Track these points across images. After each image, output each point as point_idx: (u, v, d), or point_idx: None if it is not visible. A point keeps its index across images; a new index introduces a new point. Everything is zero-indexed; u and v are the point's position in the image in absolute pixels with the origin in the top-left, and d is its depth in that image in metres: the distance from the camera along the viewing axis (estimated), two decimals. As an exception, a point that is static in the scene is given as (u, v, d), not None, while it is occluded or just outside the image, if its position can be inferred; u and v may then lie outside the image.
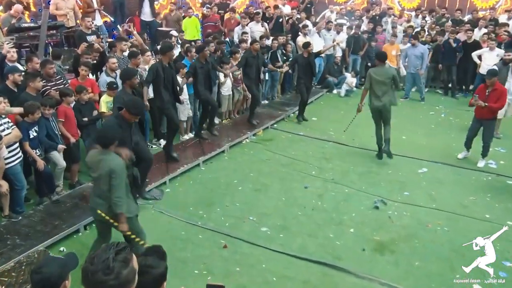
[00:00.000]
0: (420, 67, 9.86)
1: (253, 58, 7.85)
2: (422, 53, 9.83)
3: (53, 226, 4.61)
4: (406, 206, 5.53)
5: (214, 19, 10.57)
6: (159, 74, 6.04)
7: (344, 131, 7.44)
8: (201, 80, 6.96)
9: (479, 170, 6.57)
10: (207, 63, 7.04)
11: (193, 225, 4.96)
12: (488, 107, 6.33)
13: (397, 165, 6.73)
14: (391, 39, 10.71)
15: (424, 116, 9.16)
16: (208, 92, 7.17)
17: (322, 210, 5.41)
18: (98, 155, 3.64)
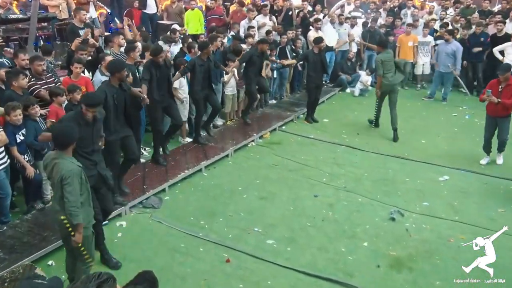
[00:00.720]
0: (454, 67, 9.60)
1: (258, 57, 7.80)
2: (455, 51, 9.53)
3: (41, 237, 4.56)
4: (425, 218, 5.45)
5: (219, 12, 10.53)
6: (151, 73, 6.04)
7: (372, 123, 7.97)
8: (199, 78, 6.85)
9: (509, 178, 6.45)
10: (209, 61, 6.98)
11: (194, 237, 4.93)
12: (501, 103, 6.29)
13: (415, 172, 6.65)
14: (407, 28, 10.57)
15: (446, 118, 9.05)
16: (203, 92, 7.03)
17: (333, 221, 5.35)
18: (53, 158, 3.52)
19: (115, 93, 5.06)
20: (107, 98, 4.96)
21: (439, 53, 9.81)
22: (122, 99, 5.19)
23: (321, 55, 8.27)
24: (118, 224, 5.10)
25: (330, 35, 10.08)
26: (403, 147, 7.52)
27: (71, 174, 3.45)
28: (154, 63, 6.13)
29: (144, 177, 6.00)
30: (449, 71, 9.71)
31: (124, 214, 5.27)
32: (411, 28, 10.54)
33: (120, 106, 5.17)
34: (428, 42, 10.50)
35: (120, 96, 5.15)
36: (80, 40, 6.45)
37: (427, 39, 10.52)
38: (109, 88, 5.06)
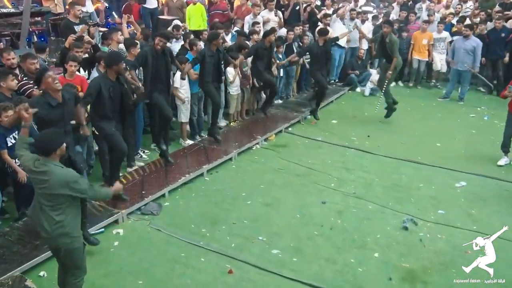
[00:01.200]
0: (471, 64, 9.46)
1: (266, 50, 7.78)
2: (475, 47, 9.37)
3: (33, 246, 4.50)
4: (440, 227, 5.38)
5: (223, 7, 10.51)
6: (147, 61, 6.00)
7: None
8: (209, 70, 6.89)
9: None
10: (219, 52, 6.98)
11: (195, 246, 4.89)
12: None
13: (430, 178, 6.59)
14: (422, 25, 10.47)
15: (463, 119, 8.98)
16: (213, 86, 7.11)
17: (342, 230, 5.30)
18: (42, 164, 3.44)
19: (111, 86, 5.06)
20: (102, 91, 4.98)
21: (456, 50, 9.65)
22: (118, 93, 5.20)
23: (325, 47, 8.20)
24: (115, 232, 5.07)
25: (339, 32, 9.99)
26: (417, 150, 7.44)
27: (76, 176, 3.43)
28: (152, 51, 6.07)
29: (143, 181, 5.98)
30: (467, 69, 9.58)
31: (122, 221, 5.24)
32: (427, 25, 10.44)
33: (116, 100, 5.17)
34: (444, 38, 10.41)
35: (116, 89, 5.16)
36: (75, 37, 6.41)
37: (443, 35, 10.41)
38: (105, 80, 5.07)
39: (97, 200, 3.46)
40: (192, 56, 7.22)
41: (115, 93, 5.12)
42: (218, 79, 7.21)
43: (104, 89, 4.98)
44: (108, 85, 5.01)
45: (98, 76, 5.33)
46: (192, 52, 7.29)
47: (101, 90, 4.99)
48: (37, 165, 3.42)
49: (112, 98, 5.05)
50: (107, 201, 5.37)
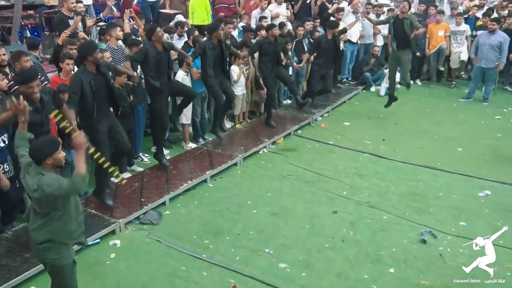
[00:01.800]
0: (499, 61, 9.32)
1: (270, 45, 7.72)
2: (501, 43, 9.21)
3: (22, 259, 4.47)
4: (462, 240, 5.26)
5: (229, 0, 10.46)
6: (148, 58, 5.98)
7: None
8: (210, 63, 6.83)
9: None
10: (220, 44, 6.93)
11: (197, 259, 4.86)
12: None
13: (450, 186, 6.51)
14: (437, 16, 10.35)
15: (488, 122, 8.89)
16: (219, 79, 7.05)
17: (354, 243, 5.24)
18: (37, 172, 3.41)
19: (93, 79, 5.01)
20: (84, 86, 4.93)
21: (480, 46, 9.49)
22: (102, 85, 5.15)
23: (335, 40, 8.19)
24: (112, 243, 5.05)
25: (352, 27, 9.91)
26: (436, 156, 7.36)
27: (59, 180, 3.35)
28: (152, 46, 6.04)
29: (142, 188, 5.97)
30: (492, 66, 9.43)
31: (119, 231, 5.22)
32: (442, 16, 10.31)
33: (101, 92, 5.12)
34: (462, 31, 10.26)
35: (99, 81, 5.10)
36: (68, 34, 6.38)
37: (461, 27, 10.26)
38: (85, 74, 5.01)
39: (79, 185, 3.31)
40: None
41: (98, 86, 5.05)
42: (222, 72, 7.12)
43: (85, 83, 4.92)
44: (89, 78, 4.94)
45: (77, 71, 5.21)
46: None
47: (82, 84, 4.93)
48: (29, 171, 3.42)
49: (94, 92, 4.98)
50: (103, 210, 5.38)
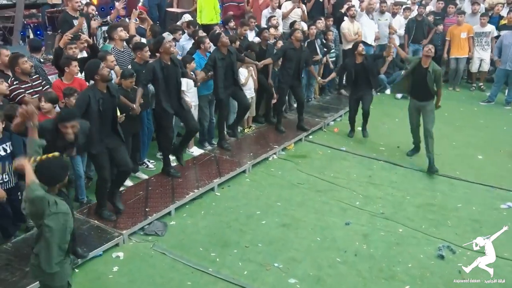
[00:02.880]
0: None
1: (294, 51, 7.70)
2: None
3: (22, 273, 4.43)
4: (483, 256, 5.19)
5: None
6: (156, 75, 6.02)
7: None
8: (221, 75, 6.91)
9: None
10: (230, 54, 6.96)
11: (203, 273, 4.85)
12: None
13: (470, 197, 6.46)
14: (458, 18, 10.19)
15: (511, 127, 8.77)
16: (228, 90, 7.09)
17: (368, 257, 5.20)
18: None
19: (101, 98, 5.07)
20: (91, 103, 4.97)
21: (504, 47, 9.41)
22: (109, 105, 5.21)
23: (364, 64, 7.75)
24: (114, 255, 5.05)
25: (368, 28, 9.86)
26: (455, 164, 7.31)
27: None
28: (160, 62, 6.10)
29: (147, 197, 5.97)
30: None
31: (122, 243, 5.22)
32: (463, 17, 10.16)
33: (107, 113, 5.18)
34: (488, 32, 10.10)
35: (107, 102, 5.17)
36: (70, 36, 6.39)
37: (486, 28, 10.11)
38: (94, 92, 5.07)
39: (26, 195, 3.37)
40: (200, 54, 7.22)
41: (105, 106, 5.12)
42: (234, 83, 7.19)
43: (93, 101, 4.98)
44: (98, 97, 5.01)
45: (87, 88, 5.31)
46: (200, 51, 7.27)
47: (90, 102, 4.98)
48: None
49: (101, 111, 5.04)
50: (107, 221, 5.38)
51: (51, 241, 3.45)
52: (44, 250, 3.47)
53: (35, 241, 3.50)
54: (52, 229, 3.41)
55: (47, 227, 3.39)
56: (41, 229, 3.42)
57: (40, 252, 3.47)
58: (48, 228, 3.39)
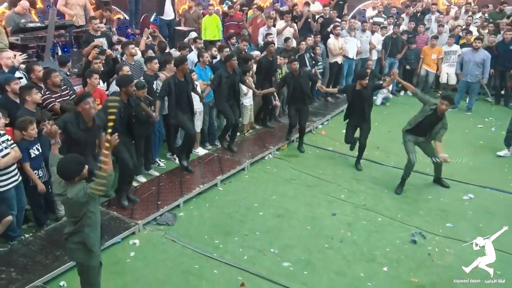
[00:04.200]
0: (481, 76, 9.33)
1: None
2: (484, 60, 9.22)
3: (54, 257, 4.53)
4: (449, 241, 5.27)
5: (237, 18, 10.46)
6: (170, 89, 6.08)
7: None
8: (224, 91, 6.91)
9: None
10: (235, 75, 6.98)
11: (208, 258, 4.86)
12: None
13: (438, 190, 6.48)
14: (432, 41, 10.33)
15: (471, 130, 8.80)
16: (228, 103, 7.09)
17: (351, 243, 5.22)
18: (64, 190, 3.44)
19: (122, 107, 5.12)
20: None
21: (465, 63, 9.49)
22: (127, 115, 5.31)
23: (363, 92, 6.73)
24: (131, 242, 5.07)
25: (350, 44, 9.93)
26: (425, 161, 7.15)
27: (83, 188, 3.39)
28: (174, 78, 6.15)
29: (158, 192, 5.98)
30: (476, 80, 9.44)
31: (138, 231, 5.24)
32: (436, 41, 10.27)
33: (125, 121, 5.27)
34: (455, 51, 10.19)
35: (126, 111, 5.26)
36: (98, 51, 6.45)
37: (453, 48, 10.21)
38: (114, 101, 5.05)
39: (105, 180, 3.35)
40: (200, 67, 7.24)
41: (125, 115, 5.24)
42: (234, 97, 7.19)
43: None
44: (120, 106, 5.04)
45: (111, 96, 5.42)
46: (200, 63, 7.29)
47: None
48: (61, 186, 3.46)
49: (121, 120, 5.11)
50: (124, 212, 5.40)
51: (97, 223, 3.56)
52: (91, 233, 3.52)
53: (75, 230, 3.49)
54: (95, 213, 3.54)
55: (92, 212, 3.49)
56: (85, 216, 3.45)
57: (87, 236, 3.50)
58: (92, 213, 3.49)
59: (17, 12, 7.66)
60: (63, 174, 3.38)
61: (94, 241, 3.57)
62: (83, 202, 3.37)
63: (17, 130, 4.78)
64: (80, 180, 3.42)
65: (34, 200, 4.98)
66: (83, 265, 3.64)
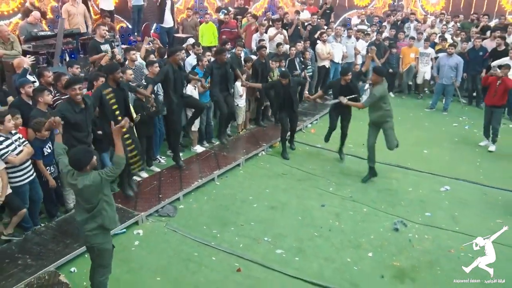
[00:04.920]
0: (455, 78, 9.55)
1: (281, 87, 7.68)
2: (457, 64, 9.46)
3: (64, 245, 4.57)
4: (427, 228, 5.35)
5: (232, 25, 10.47)
6: (168, 76, 6.05)
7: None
8: (216, 81, 6.94)
9: (506, 189, 6.31)
10: (226, 64, 7.03)
11: (207, 246, 4.88)
12: (497, 95, 7.29)
13: (417, 182, 6.54)
14: (409, 41, 10.52)
15: (447, 128, 8.89)
16: (223, 95, 7.13)
17: (339, 231, 5.27)
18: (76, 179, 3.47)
19: (112, 92, 5.12)
20: (103, 98, 5.05)
21: (441, 67, 9.66)
22: (121, 98, 5.26)
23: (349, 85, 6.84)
24: (136, 232, 5.08)
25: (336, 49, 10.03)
26: (406, 157, 7.36)
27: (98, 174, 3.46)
28: (171, 67, 6.11)
29: (160, 186, 5.98)
30: (450, 82, 9.63)
31: (141, 222, 5.25)
32: (413, 41, 10.50)
33: (120, 105, 5.20)
34: (429, 53, 10.48)
35: (118, 95, 5.21)
36: (109, 57, 6.62)
37: (428, 50, 10.50)
38: (105, 87, 5.12)
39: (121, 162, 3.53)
40: (199, 70, 7.26)
41: (118, 99, 5.16)
42: (226, 88, 7.25)
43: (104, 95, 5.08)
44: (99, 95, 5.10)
45: (99, 85, 5.34)
46: (199, 67, 7.32)
47: (102, 97, 5.05)
48: (74, 177, 3.49)
49: (118, 104, 5.12)
50: (128, 204, 5.40)
51: (112, 204, 3.63)
52: (108, 214, 3.57)
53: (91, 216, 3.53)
54: (109, 195, 3.61)
55: (106, 196, 3.56)
56: (102, 200, 3.51)
57: (106, 217, 3.55)
58: (107, 196, 3.57)
59: (29, 22, 7.76)
60: (75, 165, 3.43)
61: (111, 221, 3.62)
62: (100, 188, 3.44)
63: (31, 130, 4.85)
64: (92, 168, 3.46)
65: (46, 193, 4.99)
66: (99, 249, 3.66)
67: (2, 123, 4.41)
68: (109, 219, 3.57)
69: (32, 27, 7.74)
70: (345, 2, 13.93)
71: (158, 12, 10.37)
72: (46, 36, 7.67)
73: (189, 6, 11.49)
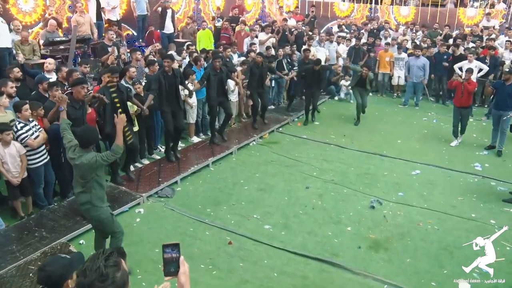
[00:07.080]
0: (423, 77, 9.73)
1: (257, 68, 7.72)
2: (424, 64, 9.66)
3: (74, 221, 4.58)
4: (400, 206, 5.33)
5: (229, 31, 10.43)
6: (160, 81, 5.93)
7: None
8: (213, 86, 6.80)
9: (467, 172, 6.34)
10: (221, 72, 6.91)
11: (201, 222, 4.83)
12: (464, 96, 7.23)
13: (392, 167, 6.52)
14: (385, 47, 10.57)
15: (418, 122, 8.89)
16: (218, 99, 6.99)
17: (322, 209, 5.23)
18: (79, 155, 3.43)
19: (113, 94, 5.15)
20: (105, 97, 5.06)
21: (411, 67, 9.85)
22: (120, 99, 5.26)
23: (319, 71, 8.19)
24: (137, 211, 5.02)
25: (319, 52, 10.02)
26: (382, 146, 7.37)
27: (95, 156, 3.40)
28: (163, 73, 5.98)
29: (159, 171, 5.91)
30: (419, 81, 9.78)
31: (142, 202, 5.19)
32: (389, 47, 10.57)
33: (120, 105, 5.20)
34: (403, 58, 10.46)
35: (118, 96, 5.23)
36: (115, 57, 6.64)
37: (402, 55, 10.50)
38: (107, 89, 5.14)
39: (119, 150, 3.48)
40: (196, 69, 7.15)
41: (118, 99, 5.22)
42: (223, 94, 7.00)
43: (107, 94, 5.12)
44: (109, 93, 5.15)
45: (103, 86, 5.37)
46: (197, 66, 7.22)
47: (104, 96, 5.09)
48: (75, 152, 3.43)
49: (113, 104, 5.14)
50: (131, 187, 5.33)
51: (102, 184, 3.54)
52: (98, 192, 3.50)
53: (83, 190, 3.48)
54: (101, 177, 3.54)
55: (98, 176, 3.49)
56: (93, 179, 3.45)
57: (94, 195, 3.48)
58: (99, 177, 3.49)
59: (48, 31, 7.81)
60: (82, 141, 3.40)
61: (99, 200, 3.53)
62: (94, 167, 3.38)
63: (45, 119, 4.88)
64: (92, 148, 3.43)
65: (61, 174, 5.01)
66: (96, 220, 3.61)
67: (20, 111, 4.55)
68: (96, 197, 3.50)
69: (50, 34, 7.80)
70: (328, 13, 13.97)
71: (160, 20, 10.32)
72: (61, 42, 7.73)
73: (189, 15, 11.42)
